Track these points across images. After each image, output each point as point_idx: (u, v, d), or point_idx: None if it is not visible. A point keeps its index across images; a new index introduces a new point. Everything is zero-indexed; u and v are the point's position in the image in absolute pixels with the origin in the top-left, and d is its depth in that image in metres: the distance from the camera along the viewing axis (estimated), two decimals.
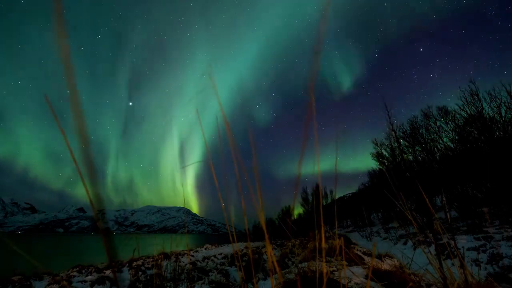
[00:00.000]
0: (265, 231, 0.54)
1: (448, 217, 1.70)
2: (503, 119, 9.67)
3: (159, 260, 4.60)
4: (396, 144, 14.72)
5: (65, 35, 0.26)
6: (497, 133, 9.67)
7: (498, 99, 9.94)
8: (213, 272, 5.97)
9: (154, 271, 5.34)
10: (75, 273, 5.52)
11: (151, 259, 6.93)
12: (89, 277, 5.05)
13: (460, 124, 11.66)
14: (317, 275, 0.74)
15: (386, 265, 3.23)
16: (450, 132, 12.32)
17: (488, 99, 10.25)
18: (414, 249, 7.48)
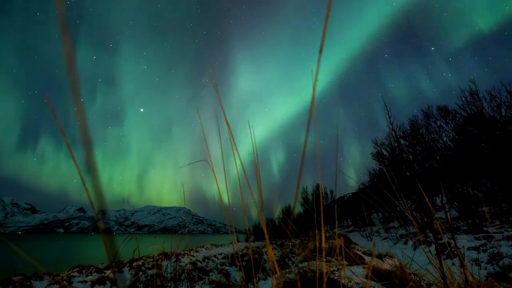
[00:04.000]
0: (265, 232, 0.54)
1: (448, 216, 1.70)
2: (503, 118, 9.66)
3: (160, 260, 4.61)
4: (396, 144, 14.71)
5: (69, 39, 0.26)
6: (497, 132, 9.67)
7: (498, 98, 9.94)
8: (214, 272, 5.97)
9: (154, 271, 5.34)
10: (75, 273, 5.52)
11: (152, 259, 6.93)
12: (89, 277, 5.06)
13: (460, 123, 11.66)
14: (317, 275, 0.74)
15: (386, 264, 3.23)
16: (450, 131, 12.32)
17: (488, 98, 10.25)
18: (415, 248, 7.48)
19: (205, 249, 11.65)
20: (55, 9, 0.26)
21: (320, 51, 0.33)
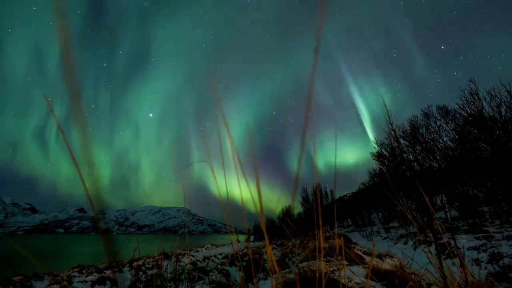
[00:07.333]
0: (265, 232, 0.54)
1: (448, 216, 1.70)
2: (503, 118, 9.66)
3: (160, 260, 4.61)
4: (396, 144, 14.72)
5: (68, 39, 0.26)
6: (497, 132, 9.67)
7: (498, 98, 9.93)
8: (214, 272, 5.97)
9: (154, 271, 5.34)
10: (75, 273, 5.52)
11: (152, 259, 6.94)
12: (89, 277, 5.06)
13: (460, 123, 11.66)
14: (317, 275, 0.74)
15: (386, 264, 3.24)
16: (450, 131, 12.32)
17: (488, 98, 10.25)
18: (415, 248, 7.48)
19: (205, 249, 11.65)
20: None
21: (316, 52, 0.33)
